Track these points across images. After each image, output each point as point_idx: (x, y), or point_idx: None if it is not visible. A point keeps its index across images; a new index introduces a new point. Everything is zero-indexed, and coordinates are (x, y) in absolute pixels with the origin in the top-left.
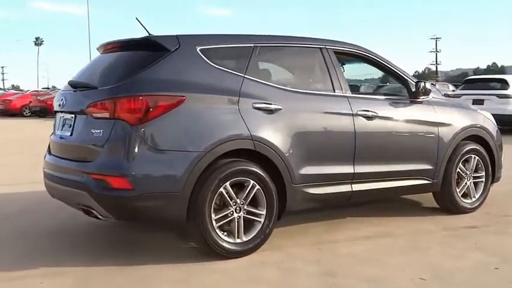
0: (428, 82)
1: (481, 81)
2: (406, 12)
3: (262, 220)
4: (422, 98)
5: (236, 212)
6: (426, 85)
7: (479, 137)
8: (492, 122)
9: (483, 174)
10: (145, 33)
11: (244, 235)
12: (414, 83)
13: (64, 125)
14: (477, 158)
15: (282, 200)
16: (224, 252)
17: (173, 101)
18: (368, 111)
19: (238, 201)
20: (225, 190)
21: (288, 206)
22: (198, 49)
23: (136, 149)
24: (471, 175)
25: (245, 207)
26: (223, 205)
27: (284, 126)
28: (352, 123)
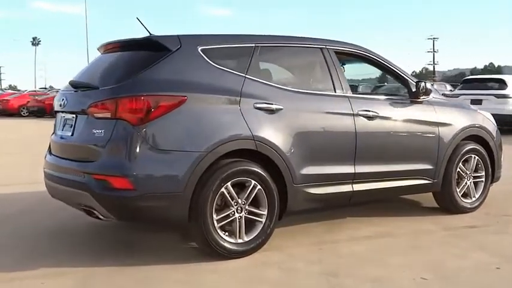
0: (428, 82)
1: (479, 81)
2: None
3: (263, 220)
4: (422, 98)
5: (237, 212)
6: (427, 85)
7: (479, 137)
8: (492, 122)
9: (483, 174)
10: (145, 33)
11: (245, 235)
12: (415, 83)
13: (65, 125)
14: (477, 158)
15: (283, 200)
16: (225, 252)
17: (175, 101)
18: (369, 111)
19: (239, 201)
20: (227, 190)
21: (289, 206)
22: (200, 49)
23: (138, 149)
24: (471, 175)
25: (246, 207)
26: (224, 205)
27: (285, 126)
28: (353, 123)
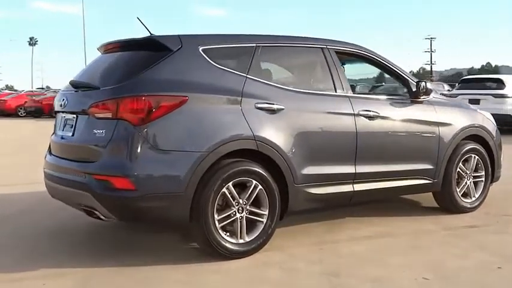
0: (429, 82)
1: (477, 81)
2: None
3: (264, 220)
4: (423, 98)
5: (239, 212)
6: (427, 85)
7: (479, 137)
8: (492, 122)
9: (483, 173)
10: (145, 33)
11: (246, 235)
12: (415, 83)
13: (65, 125)
14: (477, 158)
15: (284, 200)
16: (227, 252)
17: (176, 101)
18: (369, 111)
19: (240, 201)
20: (228, 190)
21: (290, 206)
22: (201, 49)
23: (139, 149)
24: (471, 175)
25: (248, 207)
26: (225, 205)
27: (286, 126)
28: (353, 123)
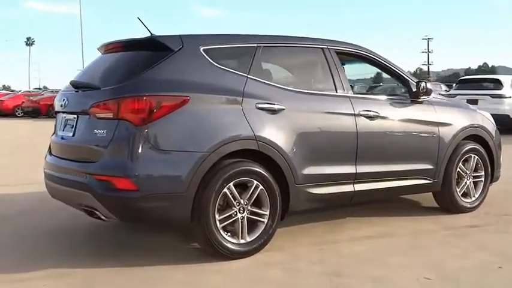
0: (429, 82)
1: (475, 81)
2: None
3: (265, 220)
4: (423, 98)
5: (240, 213)
6: (427, 85)
7: (478, 137)
8: (491, 122)
9: (482, 173)
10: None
11: (247, 235)
12: (415, 83)
13: (66, 126)
14: (477, 158)
15: (285, 200)
16: (228, 252)
17: (177, 101)
18: (370, 111)
19: (241, 201)
20: (229, 190)
21: (291, 206)
22: (202, 49)
23: (140, 150)
24: (471, 175)
25: (249, 207)
26: (226, 205)
27: (287, 126)
28: (354, 123)
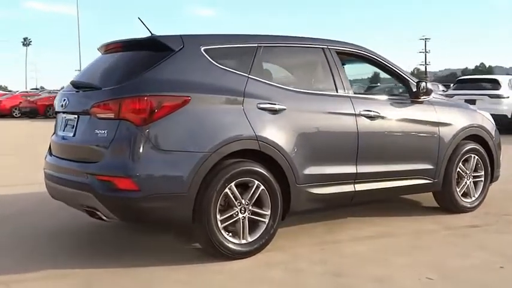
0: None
1: (473, 81)
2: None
3: (266, 220)
4: (423, 98)
5: (241, 213)
6: (428, 85)
7: (478, 137)
8: (491, 122)
9: (482, 173)
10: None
11: (249, 236)
12: (415, 83)
13: (66, 126)
14: (477, 158)
15: (286, 200)
16: (229, 253)
17: (178, 102)
18: (370, 111)
19: (243, 201)
20: (230, 191)
21: (292, 206)
22: (202, 49)
23: (141, 150)
24: (471, 174)
25: (250, 207)
26: (228, 206)
27: (288, 126)
28: (355, 123)
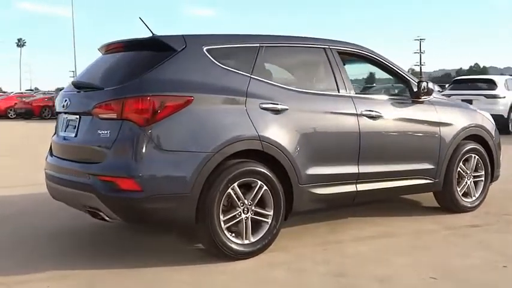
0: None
1: (469, 81)
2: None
3: (269, 221)
4: (424, 98)
5: (244, 213)
6: (429, 85)
7: (478, 137)
8: (491, 122)
9: (483, 173)
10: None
11: (252, 236)
12: (416, 83)
13: (68, 126)
14: (477, 157)
15: (289, 201)
16: (232, 253)
17: (181, 102)
18: (372, 111)
19: (246, 202)
20: (233, 191)
21: (295, 207)
22: (205, 49)
23: (144, 150)
24: (471, 174)
25: (253, 208)
26: (231, 206)
27: (290, 126)
28: (356, 123)
